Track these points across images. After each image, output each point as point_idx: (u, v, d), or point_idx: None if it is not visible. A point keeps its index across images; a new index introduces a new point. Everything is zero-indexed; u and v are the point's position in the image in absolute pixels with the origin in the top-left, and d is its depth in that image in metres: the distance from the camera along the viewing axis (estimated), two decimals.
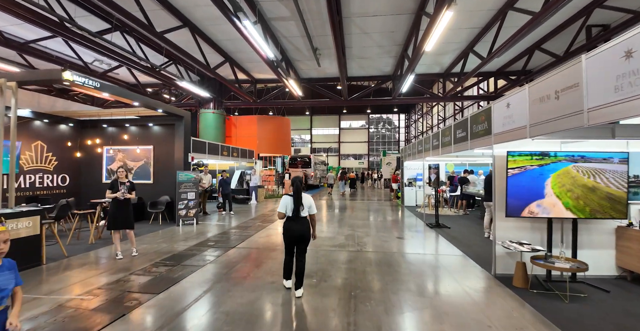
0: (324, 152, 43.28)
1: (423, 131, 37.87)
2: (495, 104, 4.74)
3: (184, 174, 8.66)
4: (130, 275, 4.66)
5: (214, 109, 15.84)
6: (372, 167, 46.97)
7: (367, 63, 13.63)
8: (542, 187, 4.30)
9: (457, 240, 6.92)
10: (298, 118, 49.01)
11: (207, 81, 15.65)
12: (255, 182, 14.04)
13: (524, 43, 11.82)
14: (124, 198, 5.47)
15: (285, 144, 19.46)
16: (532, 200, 4.32)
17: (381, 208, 12.56)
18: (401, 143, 49.09)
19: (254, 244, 6.48)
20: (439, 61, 13.80)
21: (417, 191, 13.33)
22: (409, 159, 12.07)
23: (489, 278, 4.55)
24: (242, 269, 4.88)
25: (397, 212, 11.54)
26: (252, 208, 12.62)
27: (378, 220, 9.72)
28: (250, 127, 17.64)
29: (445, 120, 28.66)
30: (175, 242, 6.73)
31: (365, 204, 14.07)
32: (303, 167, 23.25)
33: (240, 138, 17.34)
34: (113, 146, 9.79)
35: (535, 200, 4.32)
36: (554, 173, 4.28)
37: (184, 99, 17.20)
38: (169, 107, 8.50)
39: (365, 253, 5.77)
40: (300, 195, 3.79)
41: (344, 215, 10.57)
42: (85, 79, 6.07)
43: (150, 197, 9.36)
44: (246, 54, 12.58)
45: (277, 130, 18.54)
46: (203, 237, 7.15)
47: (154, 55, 12.43)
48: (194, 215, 8.74)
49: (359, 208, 12.44)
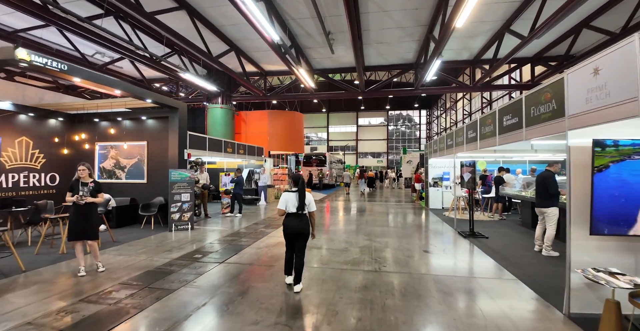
0: (341, 150, 41.93)
1: (446, 127, 35.79)
2: (571, 73, 3.34)
3: (177, 173, 7.64)
4: (80, 302, 3.61)
5: (222, 104, 14.89)
6: (391, 166, 45.19)
7: (387, 49, 12.23)
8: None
9: (501, 255, 5.50)
10: (314, 115, 47.87)
11: (215, 74, 14.72)
12: (264, 181, 12.98)
13: (569, 21, 10.09)
14: (84, 203, 4.44)
15: (297, 141, 18.27)
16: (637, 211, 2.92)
17: (402, 212, 11.18)
18: (422, 140, 46.97)
19: (248, 258, 5.33)
20: (468, 45, 12.20)
21: (443, 192, 11.85)
22: (435, 156, 10.62)
23: (561, 322, 3.18)
24: (223, 299, 3.73)
25: (421, 216, 10.13)
26: (261, 209, 11.54)
27: (399, 226, 8.38)
28: (260, 123, 16.59)
29: (472, 114, 26.64)
30: (158, 252, 5.68)
31: (384, 206, 12.71)
32: (318, 165, 22.07)
33: (250, 135, 16.32)
34: (105, 142, 8.94)
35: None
36: None
37: (191, 94, 16.37)
38: (159, 97, 7.50)
39: (386, 274, 4.49)
40: (304, 191, 3.80)
41: (360, 220, 9.28)
42: (47, 60, 5.10)
43: (144, 198, 8.44)
44: (253, 42, 11.48)
45: (289, 125, 17.37)
46: (192, 247, 6.07)
47: (156, 46, 11.56)
48: (189, 219, 7.72)
49: (377, 212, 11.11)
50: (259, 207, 12.35)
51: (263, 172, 12.99)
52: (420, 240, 6.74)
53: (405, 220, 9.26)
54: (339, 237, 6.87)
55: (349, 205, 13.06)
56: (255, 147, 13.22)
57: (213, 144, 9.80)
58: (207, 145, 9.36)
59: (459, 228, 7.79)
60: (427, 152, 12.08)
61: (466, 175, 7.27)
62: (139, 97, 7.00)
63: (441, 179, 12.08)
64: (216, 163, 14.03)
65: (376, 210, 11.56)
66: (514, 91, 16.73)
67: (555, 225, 5.53)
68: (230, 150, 10.81)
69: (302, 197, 3.76)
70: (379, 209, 11.75)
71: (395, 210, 11.64)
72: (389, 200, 15.04)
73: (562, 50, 12.49)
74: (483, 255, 5.55)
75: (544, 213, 5.63)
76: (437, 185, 11.89)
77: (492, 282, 4.20)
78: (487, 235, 7.03)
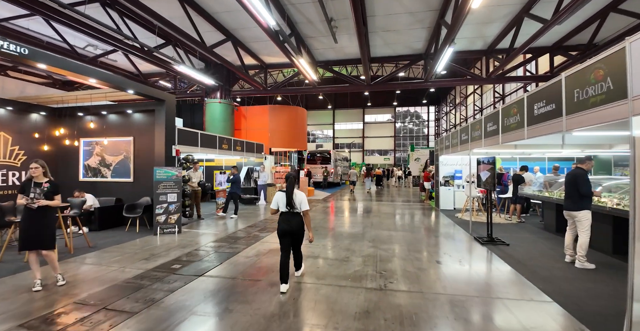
0: (347, 147, 41.11)
1: (456, 124, 34.70)
2: (636, 40, 2.54)
3: (162, 171, 6.98)
4: (18, 328, 2.95)
5: (221, 99, 14.22)
6: (398, 164, 44.22)
7: (395, 37, 11.38)
8: None
9: (527, 267, 4.71)
10: (320, 112, 47.12)
11: (213, 68, 14.06)
12: (264, 179, 12.30)
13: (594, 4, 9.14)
14: (37, 207, 3.78)
15: (300, 137, 17.49)
16: None
17: (411, 213, 10.39)
18: (431, 137, 45.86)
19: (233, 269, 4.63)
20: (483, 32, 11.29)
21: (455, 192, 11.01)
22: (447, 152, 9.79)
23: None
24: (189, 327, 3.03)
25: (431, 218, 9.34)
26: (260, 210, 10.87)
27: (408, 229, 7.61)
28: (261, 119, 15.86)
29: (483, 110, 25.59)
30: (134, 261, 5.03)
31: (391, 207, 11.93)
32: (322, 163, 21.34)
33: (251, 132, 15.63)
34: (90, 138, 8.34)
35: None
36: None
37: (189, 89, 15.75)
38: (142, 88, 6.84)
39: (392, 294, 3.74)
40: (291, 190, 3.78)
41: (365, 222, 8.53)
42: (3, 42, 4.44)
43: (131, 198, 7.82)
44: (250, 31, 10.76)
45: (292, 121, 16.58)
46: (173, 254, 5.40)
47: (150, 37, 10.89)
48: (176, 221, 7.06)
49: (383, 213, 10.34)
50: (258, 207, 11.69)
51: (262, 170, 12.31)
52: (432, 247, 5.96)
53: (414, 223, 8.48)
54: (341, 243, 6.14)
55: (354, 205, 12.31)
56: (254, 144, 12.53)
57: (206, 140, 9.12)
58: (199, 141, 8.69)
59: (474, 233, 6.99)
60: (438, 149, 11.24)
61: (484, 173, 6.46)
62: (119, 87, 6.34)
63: (453, 178, 11.24)
64: (214, 160, 13.41)
65: (383, 210, 10.79)
66: (530, 83, 15.72)
67: (588, 232, 4.72)
68: (225, 147, 10.13)
69: (289, 196, 3.76)
70: (386, 210, 10.98)
71: (403, 211, 10.85)
72: (397, 200, 14.25)
73: (585, 38, 11.53)
74: (506, 266, 4.76)
75: (575, 218, 4.82)
76: (449, 184, 11.06)
77: (523, 305, 3.42)
78: (507, 242, 6.22)
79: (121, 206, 7.65)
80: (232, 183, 9.07)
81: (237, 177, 9.06)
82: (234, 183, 9.05)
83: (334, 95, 45.63)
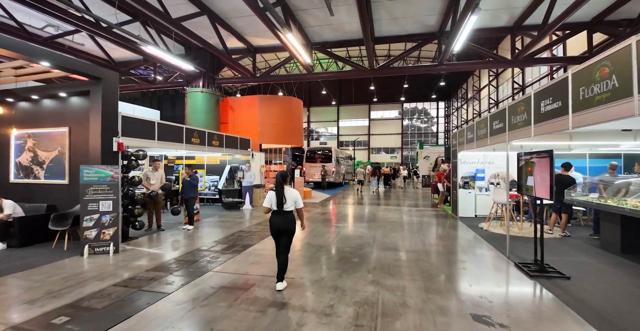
0: (352, 145, 39.16)
1: (468, 119, 32.53)
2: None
3: (92, 171, 5.26)
4: None
5: (204, 87, 12.47)
6: (406, 162, 42.15)
7: (403, 10, 9.48)
8: None
9: (619, 327, 2.84)
10: (324, 109, 45.27)
11: (194, 52, 12.33)
12: (249, 180, 10.53)
13: None
14: None
15: (295, 132, 15.52)
16: None
17: (423, 222, 8.52)
18: (440, 135, 43.67)
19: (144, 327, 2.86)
20: (509, 3, 9.33)
21: (476, 195, 9.11)
22: (470, 147, 7.90)
23: None
24: None
25: (449, 230, 7.47)
26: (244, 216, 9.12)
27: (422, 249, 5.76)
28: (250, 111, 14.00)
29: (499, 103, 23.45)
30: (20, 302, 3.30)
31: (398, 213, 10.07)
32: (323, 161, 19.53)
33: (239, 126, 13.83)
34: (22, 129, 6.66)
35: None
36: None
37: (170, 77, 14.04)
38: (64, 60, 5.10)
39: None
40: (281, 189, 3.75)
41: (364, 236, 6.71)
42: None
43: (66, 205, 6.14)
44: (229, 3, 8.97)
45: (285, 113, 14.61)
46: (81, 292, 3.66)
47: (115, 14, 9.17)
48: (112, 237, 5.32)
49: (389, 222, 8.50)
50: (242, 212, 9.93)
51: (248, 169, 10.55)
52: (459, 283, 4.11)
53: (430, 238, 6.62)
54: (327, 275, 4.32)
55: (354, 211, 10.48)
56: (237, 138, 10.74)
57: (167, 132, 7.36)
58: (156, 133, 6.92)
59: (512, 255, 5.13)
60: (457, 143, 9.33)
61: (539, 173, 4.52)
62: (26, 57, 4.61)
63: (473, 179, 9.34)
64: (195, 158, 11.70)
65: (389, 218, 8.94)
66: (566, 65, 13.63)
67: None
68: (196, 141, 8.35)
69: (279, 195, 3.73)
70: (392, 217, 9.12)
71: (413, 218, 8.98)
72: (405, 204, 12.36)
73: (633, 10, 9.53)
74: (584, 326, 2.90)
75: None
76: (469, 186, 9.15)
77: None
78: (564, 271, 4.34)
79: (49, 216, 5.94)
80: (184, 187, 7.28)
81: (192, 179, 7.26)
82: (189, 187, 7.25)
83: (338, 91, 43.70)
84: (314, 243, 6.03)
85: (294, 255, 5.16)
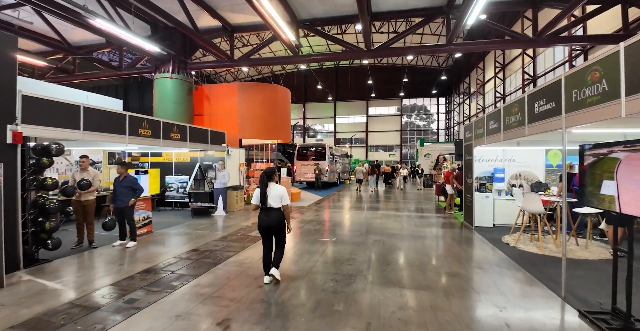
0: (349, 143, 37.47)
1: (470, 115, 30.91)
2: None
3: None
4: None
5: (173, 73, 10.74)
6: (405, 160, 40.53)
7: None
8: None
9: None
10: (320, 105, 43.57)
11: (162, 31, 10.60)
12: (223, 181, 8.84)
13: None
14: None
15: (283, 126, 13.52)
16: None
17: (432, 236, 6.86)
18: (441, 131, 42.06)
19: None
20: None
21: (494, 200, 7.47)
22: (491, 141, 6.22)
23: None
24: None
25: (467, 248, 5.81)
26: (214, 224, 7.45)
27: (435, 286, 4.10)
28: (229, 101, 12.11)
29: (506, 97, 21.80)
30: None
31: (399, 221, 8.42)
32: (316, 159, 17.85)
33: (216, 118, 12.07)
34: None
35: None
36: None
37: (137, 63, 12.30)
38: None
39: None
40: (264, 185, 3.74)
41: (356, 259, 5.04)
42: None
43: None
44: None
45: (270, 103, 12.47)
46: None
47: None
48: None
49: (388, 234, 6.85)
50: (212, 219, 8.24)
51: (222, 169, 8.87)
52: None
53: (444, 264, 4.95)
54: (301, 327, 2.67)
55: (348, 219, 8.83)
56: (206, 131, 9.00)
57: (102, 120, 5.64)
58: (82, 120, 5.20)
59: (569, 294, 3.49)
60: (471, 136, 7.65)
61: (630, 175, 2.83)
62: None
63: (490, 179, 7.71)
64: (162, 155, 10.01)
65: (388, 229, 7.29)
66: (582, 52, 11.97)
67: None
68: (146, 133, 6.61)
69: (262, 191, 3.75)
70: (393, 227, 7.48)
71: (418, 230, 7.33)
72: (407, 208, 10.72)
73: None
74: None
75: None
76: (486, 188, 7.51)
77: None
78: None
79: None
80: (120, 191, 5.55)
81: (128, 181, 5.54)
82: (124, 192, 5.53)
83: (335, 86, 41.95)
84: (288, 272, 4.35)
85: (250, 296, 3.50)
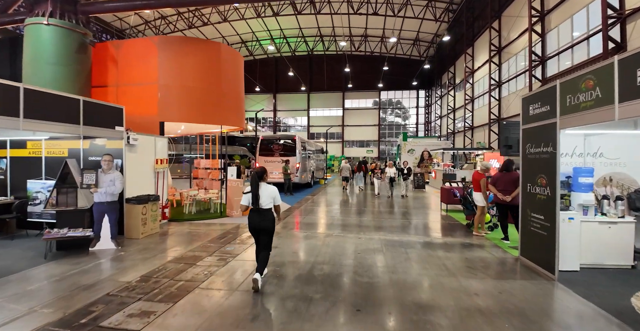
0: (324, 137, 34.08)
1: (455, 108, 28.51)
2: None
3: None
4: None
5: (53, 17, 6.76)
6: (382, 156, 37.78)
7: None
8: None
9: None
10: (292, 96, 39.85)
11: None
12: (110, 190, 5.05)
13: None
14: None
15: (231, 105, 8.79)
16: None
17: (495, 308, 3.54)
18: (420, 126, 39.72)
19: None
20: None
21: (581, 223, 4.28)
22: (599, 120, 2.94)
23: None
24: None
25: None
26: (75, 282, 3.70)
27: None
28: (146, 65, 7.60)
29: (502, 84, 19.27)
30: None
31: (412, 259, 5.10)
32: (283, 155, 14.26)
33: (129, 91, 7.64)
34: None
35: None
36: None
37: (9, 7, 8.04)
38: None
39: None
40: (256, 186, 3.68)
41: None
42: None
43: None
44: None
45: (211, 70, 8.13)
46: None
47: None
48: None
49: (411, 305, 3.47)
50: (88, 260, 4.46)
51: (108, 169, 5.10)
52: None
53: None
54: None
55: (327, 253, 5.37)
56: (78, 102, 5.14)
57: None
58: None
59: None
60: (547, 112, 4.33)
61: None
62: None
63: (567, 186, 4.54)
64: (26, 145, 6.08)
65: (403, 286, 3.89)
66: None
67: None
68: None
69: (254, 192, 3.69)
70: (408, 279, 4.10)
71: (457, 283, 3.99)
72: (412, 226, 7.45)
73: None
74: None
75: None
76: (563, 201, 4.32)
77: None
78: None
79: None
80: None
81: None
82: None
83: (309, 75, 38.31)
84: None
85: None
